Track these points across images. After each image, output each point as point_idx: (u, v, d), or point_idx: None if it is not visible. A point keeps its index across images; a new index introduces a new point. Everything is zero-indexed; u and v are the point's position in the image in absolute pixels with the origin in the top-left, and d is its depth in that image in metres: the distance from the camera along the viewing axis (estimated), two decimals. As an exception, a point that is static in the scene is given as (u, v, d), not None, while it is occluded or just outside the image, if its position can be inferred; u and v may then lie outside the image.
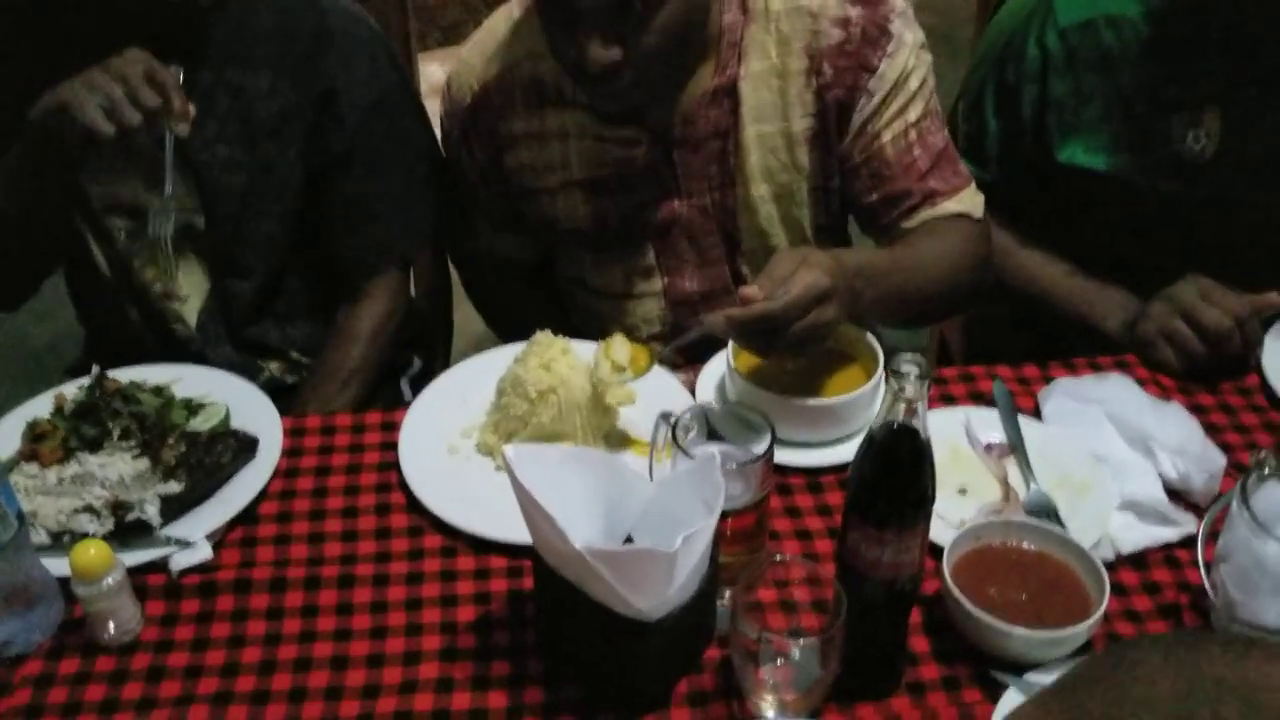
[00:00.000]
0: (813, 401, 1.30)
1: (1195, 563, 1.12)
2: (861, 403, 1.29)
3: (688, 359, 1.43)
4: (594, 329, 1.52)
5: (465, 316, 1.88)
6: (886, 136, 1.44)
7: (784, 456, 1.26)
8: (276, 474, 1.29)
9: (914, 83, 1.43)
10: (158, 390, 1.34)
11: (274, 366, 1.64)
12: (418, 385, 1.75)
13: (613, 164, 1.49)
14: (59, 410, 1.30)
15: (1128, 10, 1.46)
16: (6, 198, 1.42)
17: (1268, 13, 1.36)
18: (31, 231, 1.47)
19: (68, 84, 1.27)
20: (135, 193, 1.49)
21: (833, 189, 1.51)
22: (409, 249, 1.66)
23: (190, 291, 1.57)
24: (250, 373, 1.43)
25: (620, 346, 1.31)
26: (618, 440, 1.34)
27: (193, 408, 1.33)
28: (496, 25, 1.51)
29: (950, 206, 1.47)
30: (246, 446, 1.29)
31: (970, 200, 1.49)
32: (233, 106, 1.45)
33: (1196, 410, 1.36)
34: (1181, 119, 1.47)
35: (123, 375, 1.37)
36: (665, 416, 1.15)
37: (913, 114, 1.44)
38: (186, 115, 1.29)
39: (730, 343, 1.33)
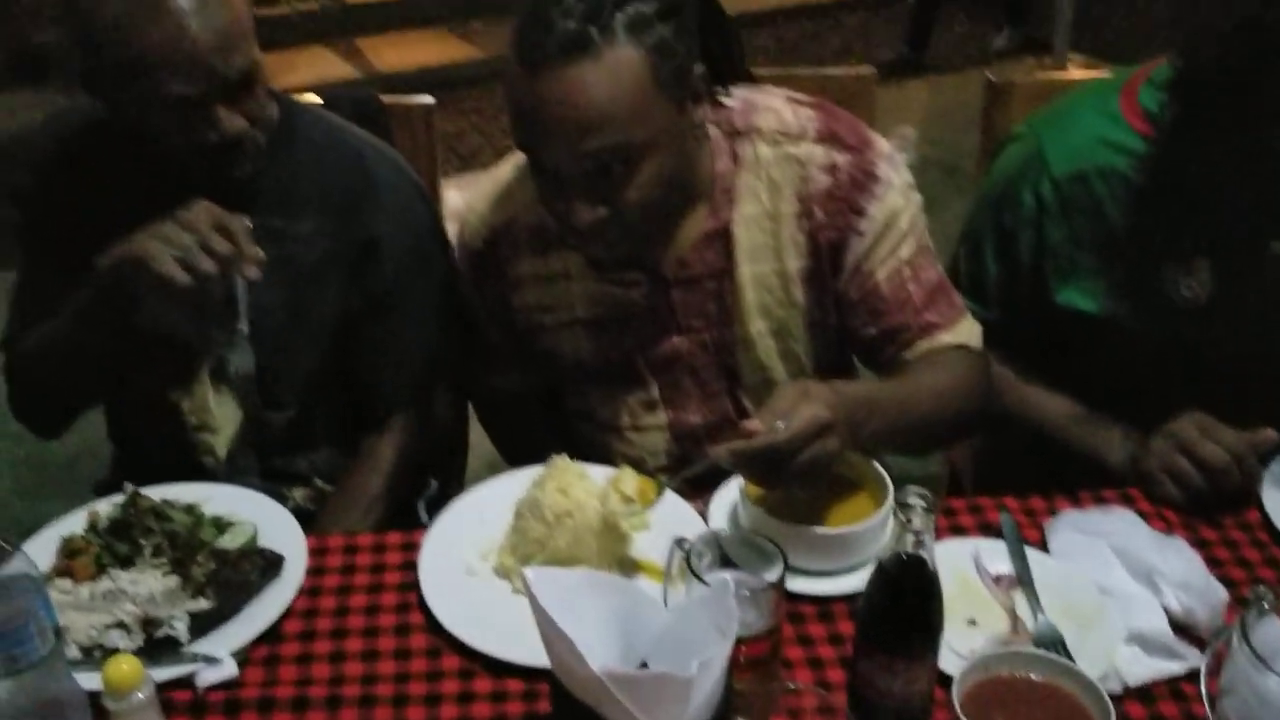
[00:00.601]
0: (822, 530, 1.33)
1: (1201, 696, 1.14)
2: (871, 533, 1.32)
3: (695, 489, 1.46)
4: (600, 461, 1.56)
5: (480, 436, 1.92)
6: (881, 274, 1.50)
7: (795, 584, 1.29)
8: (300, 592, 1.32)
9: (904, 222, 1.49)
10: (188, 508, 1.38)
11: (299, 494, 1.67)
12: (434, 507, 1.79)
13: (614, 303, 1.55)
14: (93, 527, 1.34)
15: (1118, 162, 1.52)
16: (67, 340, 1.49)
17: (1254, 165, 1.42)
18: (84, 369, 1.53)
19: (141, 236, 1.33)
20: (180, 328, 1.54)
21: (830, 325, 1.56)
22: (433, 385, 1.71)
23: (223, 424, 1.62)
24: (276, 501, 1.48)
25: (629, 480, 1.35)
26: (631, 565, 1.37)
27: (221, 526, 1.36)
28: (504, 173, 1.59)
29: (948, 338, 1.52)
30: (272, 564, 1.32)
31: (967, 332, 1.54)
32: (275, 250, 1.49)
33: (1199, 545, 1.38)
34: (1174, 267, 1.53)
35: (154, 493, 1.41)
36: (679, 543, 1.18)
37: (905, 251, 1.50)
38: (257, 260, 1.35)
39: (740, 471, 1.37)
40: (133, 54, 1.34)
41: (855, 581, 1.30)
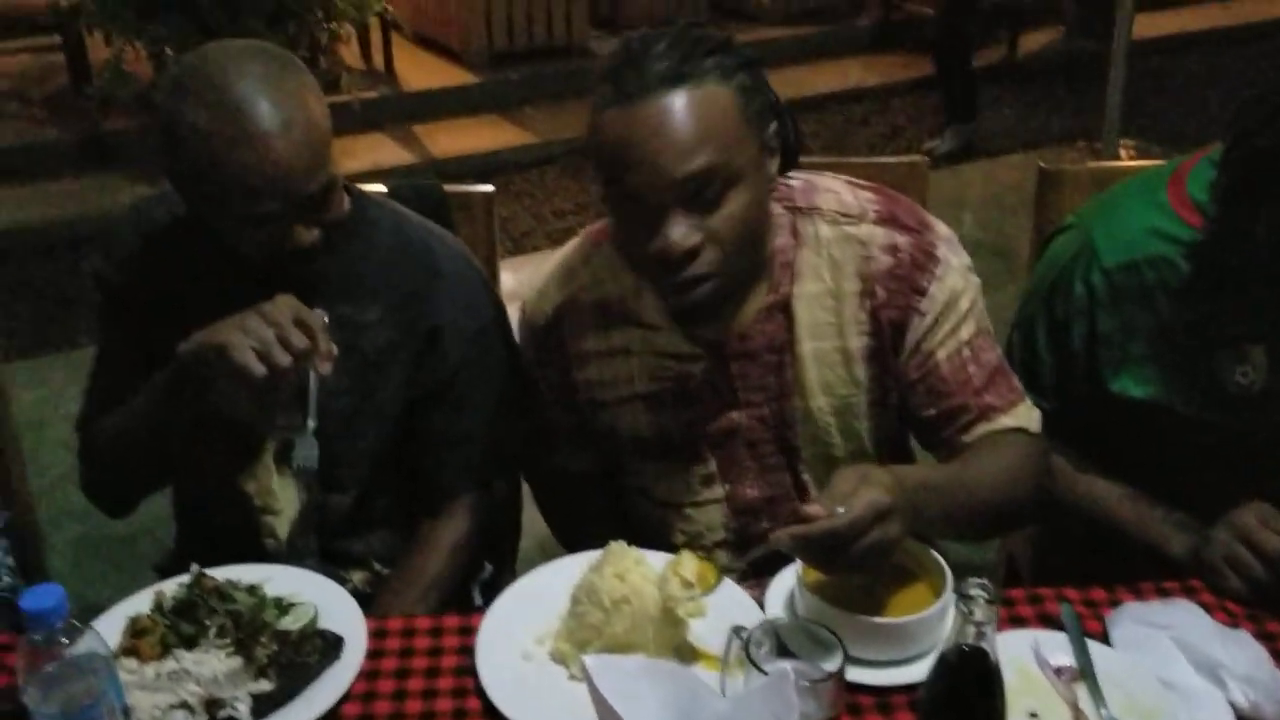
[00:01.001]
0: (881, 620, 1.32)
1: (1271, 796, 1.11)
2: (930, 623, 1.31)
3: (754, 573, 1.46)
4: (658, 538, 1.56)
5: (532, 517, 1.94)
6: (941, 354, 1.51)
7: (853, 674, 1.27)
8: (359, 675, 1.33)
9: (964, 304, 1.51)
10: (251, 589, 1.39)
11: (357, 577, 1.69)
12: (487, 590, 1.80)
13: (673, 377, 1.57)
14: (158, 607, 1.36)
15: (1168, 252, 1.54)
16: (142, 420, 1.53)
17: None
18: (156, 452, 1.57)
19: (223, 325, 1.37)
20: (248, 415, 1.57)
21: (891, 404, 1.57)
22: (494, 472, 1.73)
23: (285, 506, 1.65)
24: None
25: (689, 564, 1.36)
26: (689, 653, 1.37)
27: (283, 607, 1.38)
28: (568, 256, 1.63)
29: (1007, 421, 1.52)
30: (333, 646, 1.33)
31: (1026, 415, 1.54)
32: (341, 337, 1.52)
33: (1265, 637, 1.36)
34: (1227, 354, 1.53)
35: (217, 574, 1.43)
36: (737, 631, 1.19)
37: (965, 333, 1.52)
38: (331, 356, 1.39)
39: (798, 557, 1.37)
40: (216, 171, 1.38)
41: (915, 672, 1.29)
